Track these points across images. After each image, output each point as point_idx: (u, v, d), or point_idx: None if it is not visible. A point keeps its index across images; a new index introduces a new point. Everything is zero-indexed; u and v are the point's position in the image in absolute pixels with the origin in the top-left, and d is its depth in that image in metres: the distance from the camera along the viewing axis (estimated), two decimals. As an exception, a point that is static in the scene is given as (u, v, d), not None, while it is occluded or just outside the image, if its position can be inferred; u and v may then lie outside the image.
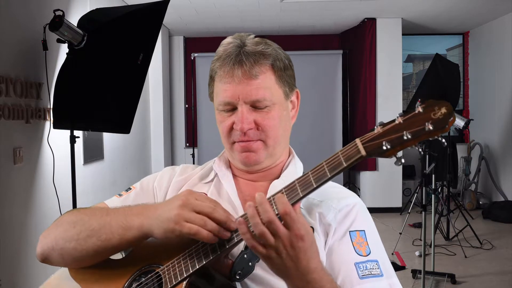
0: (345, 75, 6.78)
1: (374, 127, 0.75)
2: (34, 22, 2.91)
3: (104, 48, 2.83)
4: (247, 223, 0.76)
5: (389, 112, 6.19)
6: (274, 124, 0.95)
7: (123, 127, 3.21)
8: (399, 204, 6.25)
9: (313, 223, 0.92)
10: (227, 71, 0.93)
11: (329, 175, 0.76)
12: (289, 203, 0.74)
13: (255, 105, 0.93)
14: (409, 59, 7.26)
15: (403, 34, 6.27)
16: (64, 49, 2.87)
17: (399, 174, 6.28)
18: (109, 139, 4.41)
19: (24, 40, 2.88)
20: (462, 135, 7.05)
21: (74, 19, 2.96)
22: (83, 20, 2.78)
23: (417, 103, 0.73)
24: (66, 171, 3.03)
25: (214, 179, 1.05)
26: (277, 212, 0.74)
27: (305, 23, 6.34)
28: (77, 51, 2.69)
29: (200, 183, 1.05)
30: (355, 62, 6.61)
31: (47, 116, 3.07)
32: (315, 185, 0.77)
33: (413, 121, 0.71)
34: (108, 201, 1.06)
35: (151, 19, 2.99)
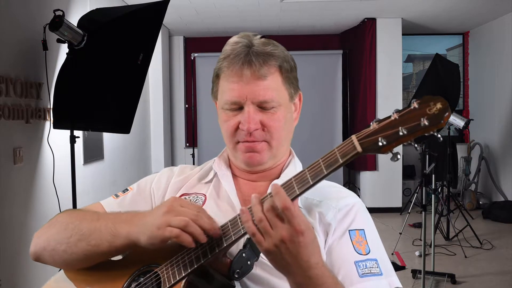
0: (345, 75, 6.78)
1: (370, 124, 0.75)
2: (34, 22, 2.91)
3: (104, 48, 2.83)
4: (249, 212, 0.77)
5: (389, 112, 6.13)
6: (279, 125, 0.95)
7: (123, 127, 3.20)
8: (399, 204, 6.25)
9: (313, 223, 0.92)
10: (236, 70, 0.92)
11: (326, 172, 0.76)
12: (289, 198, 0.74)
13: (262, 106, 0.93)
14: (409, 59, 7.26)
15: (403, 34, 6.27)
16: (64, 49, 2.87)
17: (399, 174, 6.28)
18: (109, 139, 4.41)
19: (24, 40, 2.88)
20: (462, 135, 7.06)
21: (74, 19, 2.96)
22: (83, 20, 2.78)
23: (413, 100, 0.73)
24: (66, 171, 3.03)
25: (213, 179, 1.04)
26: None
27: (305, 23, 6.34)
28: (77, 51, 2.69)
29: (199, 183, 1.05)
30: (355, 62, 6.61)
31: (47, 116, 3.07)
32: (311, 182, 0.77)
33: (409, 117, 0.72)
34: (104, 202, 1.06)
35: (151, 19, 2.98)
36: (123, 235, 0.87)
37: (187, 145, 7.01)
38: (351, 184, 6.94)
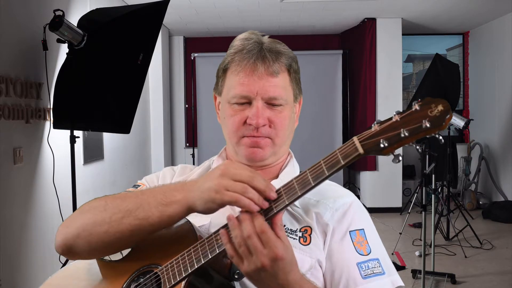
0: (345, 75, 6.78)
1: (371, 125, 0.75)
2: (34, 22, 2.91)
3: (104, 48, 2.83)
4: (229, 234, 0.79)
5: (389, 112, 6.18)
6: (285, 123, 0.96)
7: (123, 127, 3.21)
8: (399, 204, 6.25)
9: (311, 223, 0.93)
10: (250, 65, 0.93)
11: (327, 173, 0.77)
12: (265, 222, 0.77)
13: (271, 102, 0.94)
14: (409, 59, 7.26)
15: (403, 34, 6.27)
16: (64, 49, 2.87)
17: (399, 174, 6.28)
18: (109, 139, 4.41)
19: (24, 40, 2.88)
20: (462, 135, 7.06)
21: (74, 19, 2.96)
22: (83, 20, 2.78)
23: (414, 101, 0.73)
24: (66, 171, 3.03)
25: None
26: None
27: (305, 23, 6.34)
28: (77, 51, 2.69)
29: None
30: (355, 62, 6.61)
31: (47, 116, 3.07)
32: (313, 183, 0.77)
33: (410, 118, 0.72)
34: None
35: (151, 19, 2.99)
36: (177, 201, 0.84)
37: (187, 145, 7.01)
38: (351, 184, 6.94)
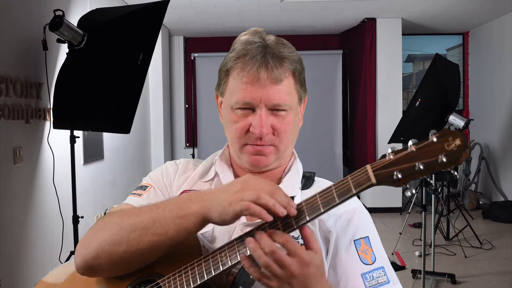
0: (345, 75, 6.78)
1: (386, 153, 0.73)
2: (34, 22, 2.91)
3: (104, 48, 2.83)
4: (250, 258, 0.76)
5: (389, 112, 6.19)
6: (289, 129, 0.94)
7: (123, 127, 3.20)
8: (399, 204, 6.25)
9: (313, 230, 0.92)
10: (252, 72, 0.89)
11: (338, 201, 0.75)
12: (285, 233, 0.75)
13: (274, 109, 0.91)
14: (409, 59, 7.25)
15: (403, 34, 6.27)
16: (64, 49, 2.87)
17: (399, 174, 6.27)
18: (109, 139, 4.41)
19: (24, 40, 2.88)
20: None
21: (74, 19, 2.96)
22: (83, 20, 2.78)
23: (431, 131, 0.71)
24: (66, 171, 3.03)
25: (214, 178, 1.03)
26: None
27: (305, 23, 6.34)
28: (77, 51, 2.69)
29: (199, 181, 1.03)
30: (355, 62, 6.61)
31: (47, 116, 3.07)
32: (322, 209, 0.76)
33: (427, 150, 0.70)
34: (128, 201, 1.01)
35: (151, 19, 2.98)
36: (194, 213, 0.82)
37: (187, 145, 7.01)
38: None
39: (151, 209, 0.87)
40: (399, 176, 0.71)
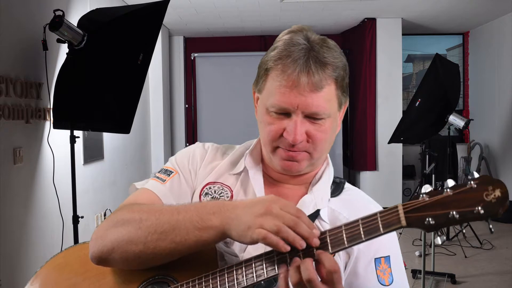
0: (345, 75, 6.77)
1: (421, 194, 0.69)
2: (34, 22, 2.91)
3: (104, 48, 2.83)
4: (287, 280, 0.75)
5: (389, 112, 6.20)
6: (325, 137, 0.90)
7: (123, 127, 3.20)
8: (399, 204, 6.24)
9: None
10: (293, 77, 0.85)
11: (364, 238, 0.72)
12: (336, 263, 0.73)
13: (311, 116, 0.88)
14: (409, 59, 7.26)
15: (403, 34, 6.27)
16: (64, 49, 2.87)
17: (399, 174, 6.28)
18: (109, 139, 4.41)
19: (24, 40, 2.88)
20: (462, 135, 7.05)
21: (74, 19, 2.96)
22: (83, 20, 2.78)
23: (470, 175, 0.68)
24: (66, 171, 3.03)
25: (241, 173, 1.00)
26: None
27: (305, 23, 6.29)
28: (77, 51, 2.69)
29: (226, 173, 1.01)
30: (355, 62, 6.61)
31: (47, 116, 3.07)
32: (346, 244, 0.74)
33: (464, 197, 0.66)
34: (154, 189, 0.98)
35: (151, 19, 2.98)
36: (214, 227, 0.80)
37: (187, 145, 7.01)
38: (351, 184, 6.93)
39: (171, 212, 0.85)
40: (432, 222, 0.68)
